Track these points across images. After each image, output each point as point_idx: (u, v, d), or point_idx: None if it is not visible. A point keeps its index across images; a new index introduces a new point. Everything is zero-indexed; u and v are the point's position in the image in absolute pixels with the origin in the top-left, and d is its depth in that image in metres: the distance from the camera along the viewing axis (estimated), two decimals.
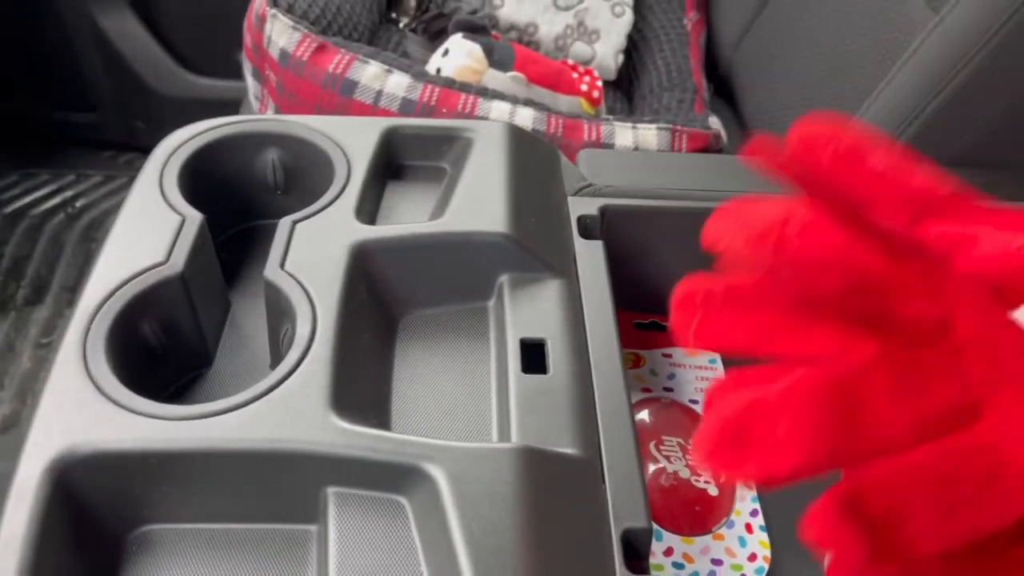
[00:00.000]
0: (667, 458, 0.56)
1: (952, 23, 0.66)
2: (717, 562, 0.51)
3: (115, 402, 0.41)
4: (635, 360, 0.64)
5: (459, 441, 0.42)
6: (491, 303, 0.52)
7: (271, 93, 0.90)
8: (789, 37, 0.97)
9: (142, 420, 0.40)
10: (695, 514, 0.53)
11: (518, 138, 0.60)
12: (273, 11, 0.87)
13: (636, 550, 0.41)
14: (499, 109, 0.84)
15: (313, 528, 0.41)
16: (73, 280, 1.40)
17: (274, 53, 0.87)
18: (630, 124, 0.88)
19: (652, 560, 0.51)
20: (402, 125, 0.59)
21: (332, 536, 0.39)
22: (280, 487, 0.41)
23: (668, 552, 0.51)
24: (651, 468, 0.56)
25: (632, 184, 0.64)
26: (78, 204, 1.53)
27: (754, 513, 0.54)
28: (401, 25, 1.11)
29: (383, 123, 0.59)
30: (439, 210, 0.54)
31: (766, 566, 0.51)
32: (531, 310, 0.50)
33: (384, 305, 0.50)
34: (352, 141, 0.57)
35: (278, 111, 0.91)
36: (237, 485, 0.40)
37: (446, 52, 0.91)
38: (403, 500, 0.40)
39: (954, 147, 0.70)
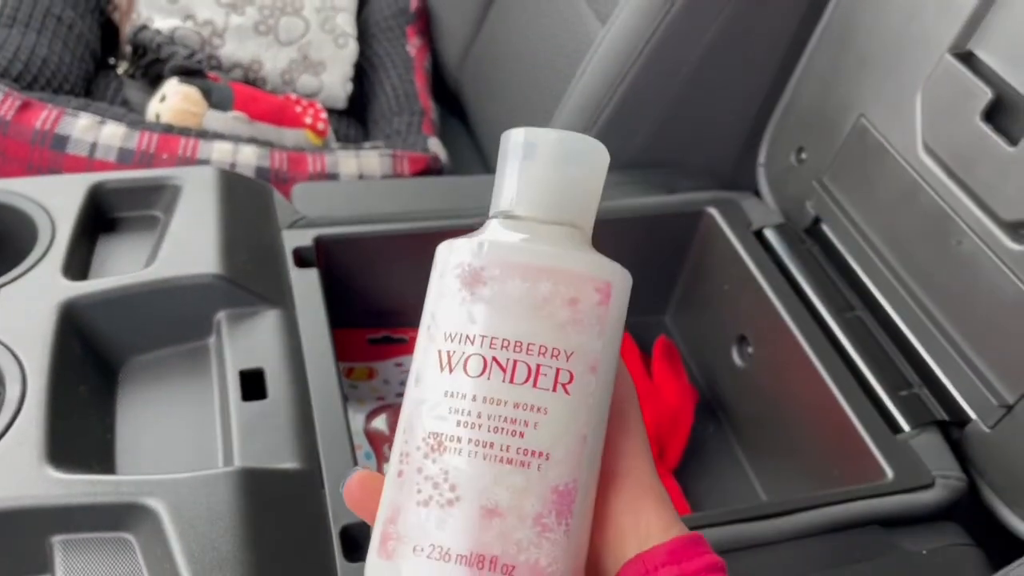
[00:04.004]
0: None
1: (616, 32, 0.77)
2: None
3: None
4: (369, 373, 0.70)
5: (183, 473, 0.45)
6: (211, 340, 0.55)
7: None
8: (500, 55, 1.07)
9: None
10: None
11: (227, 180, 0.64)
12: None
13: (357, 542, 0.46)
14: (221, 150, 0.86)
15: None
16: None
17: None
18: (353, 152, 0.93)
19: None
20: (108, 179, 0.61)
21: None
22: (5, 545, 0.42)
23: None
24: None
25: (346, 213, 0.69)
26: None
27: None
28: (120, 71, 1.10)
29: (88, 179, 0.61)
30: (151, 258, 0.56)
31: None
32: (249, 342, 0.54)
33: (102, 356, 0.52)
34: (55, 200, 0.58)
35: None
36: None
37: (163, 98, 0.92)
38: (129, 536, 0.43)
39: (629, 149, 0.81)
